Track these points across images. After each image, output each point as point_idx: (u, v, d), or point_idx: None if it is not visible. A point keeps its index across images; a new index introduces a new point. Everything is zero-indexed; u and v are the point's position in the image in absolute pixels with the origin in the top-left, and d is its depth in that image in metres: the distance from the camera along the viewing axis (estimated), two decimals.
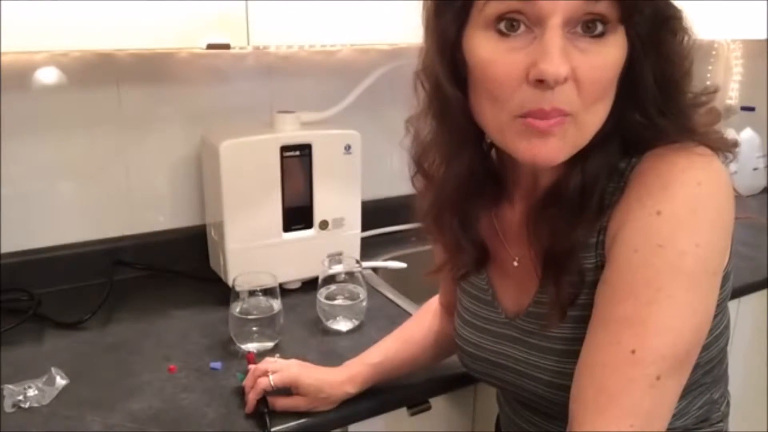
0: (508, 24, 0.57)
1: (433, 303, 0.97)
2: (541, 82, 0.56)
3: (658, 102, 0.61)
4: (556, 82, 0.55)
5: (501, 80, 0.58)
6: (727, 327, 0.71)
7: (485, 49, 0.59)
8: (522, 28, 0.57)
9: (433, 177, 0.73)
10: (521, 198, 0.73)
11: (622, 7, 0.56)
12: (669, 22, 0.60)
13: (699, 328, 0.59)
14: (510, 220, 0.75)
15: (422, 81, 0.68)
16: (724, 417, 0.77)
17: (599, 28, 0.57)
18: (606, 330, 0.58)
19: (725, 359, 0.75)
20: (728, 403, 0.79)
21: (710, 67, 2.08)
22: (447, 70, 0.63)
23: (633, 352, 0.56)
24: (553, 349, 0.70)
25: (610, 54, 0.58)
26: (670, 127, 0.62)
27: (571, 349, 0.68)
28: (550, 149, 0.59)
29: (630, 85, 0.61)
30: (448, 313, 0.92)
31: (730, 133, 1.82)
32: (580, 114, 0.59)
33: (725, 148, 0.64)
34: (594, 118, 0.60)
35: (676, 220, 0.57)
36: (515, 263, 0.75)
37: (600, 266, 0.64)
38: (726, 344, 0.72)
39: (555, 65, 0.55)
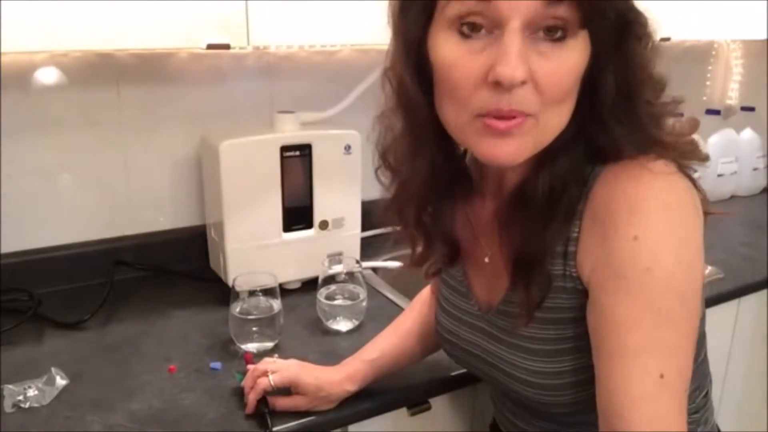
0: (469, 26, 0.58)
1: (424, 293, 0.98)
2: (498, 84, 0.56)
3: (616, 109, 0.62)
4: (512, 84, 0.56)
5: (461, 82, 0.59)
6: (702, 318, 0.71)
7: (447, 50, 0.59)
8: (483, 30, 0.57)
9: (397, 171, 0.73)
10: (491, 195, 0.74)
11: (582, 10, 0.56)
12: (632, 27, 0.60)
13: (695, 340, 0.61)
14: (481, 216, 0.76)
15: (389, 79, 0.68)
16: (700, 408, 0.77)
17: (559, 32, 0.57)
18: (625, 360, 0.58)
19: (701, 353, 0.75)
20: (707, 394, 0.79)
21: (710, 67, 2.09)
22: (412, 70, 0.64)
23: (662, 376, 0.57)
24: (522, 347, 0.72)
25: (570, 58, 0.58)
26: (624, 137, 0.62)
27: (538, 348, 0.70)
28: (510, 149, 0.60)
29: (590, 88, 0.61)
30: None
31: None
32: (542, 114, 0.59)
33: (695, 159, 0.65)
34: (556, 119, 0.61)
35: (654, 242, 0.59)
36: (486, 260, 0.76)
37: (568, 275, 0.65)
38: (702, 339, 0.74)
39: (511, 68, 0.55)
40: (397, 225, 0.77)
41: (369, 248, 1.37)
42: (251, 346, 1.03)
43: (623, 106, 0.62)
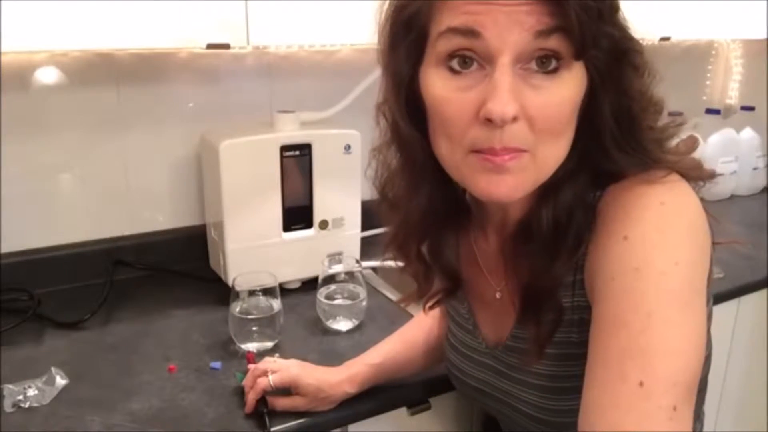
0: (460, 61, 0.56)
1: (435, 310, 0.97)
2: (490, 121, 0.55)
3: (615, 136, 0.60)
4: (503, 121, 0.54)
5: (454, 119, 0.57)
6: (709, 356, 0.69)
7: (438, 86, 0.58)
8: (474, 65, 0.56)
9: (397, 205, 0.72)
10: (493, 230, 0.73)
11: (574, 42, 0.54)
12: (628, 56, 0.59)
13: (701, 349, 0.55)
14: (487, 251, 0.75)
15: (384, 113, 0.67)
16: None
17: (553, 63, 0.55)
18: (606, 367, 0.54)
19: (704, 389, 0.73)
20: (701, 424, 0.78)
21: (710, 67, 2.09)
22: (403, 107, 0.62)
23: (641, 384, 0.51)
24: (531, 384, 0.71)
25: (563, 90, 0.56)
26: (627, 161, 0.60)
27: (548, 385, 0.69)
28: (507, 185, 0.58)
29: (588, 117, 0.60)
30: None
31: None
32: (537, 150, 0.57)
33: (698, 177, 0.63)
34: (553, 153, 0.59)
35: (646, 241, 0.55)
36: (498, 295, 0.74)
37: (576, 306, 0.64)
38: (707, 374, 0.71)
39: (501, 105, 0.53)
40: (399, 260, 0.76)
41: (369, 248, 1.37)
42: (251, 346, 1.03)
43: (625, 134, 0.60)
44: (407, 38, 0.60)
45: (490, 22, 0.53)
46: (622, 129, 0.60)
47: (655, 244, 0.55)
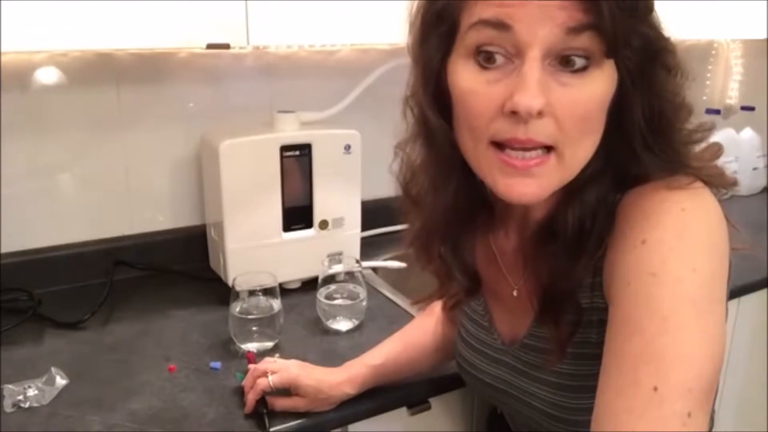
0: (487, 56, 0.56)
1: (437, 307, 0.96)
2: (515, 114, 0.54)
3: (645, 137, 0.59)
4: (530, 114, 0.54)
5: (479, 111, 0.57)
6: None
7: (465, 79, 0.58)
8: (502, 59, 0.56)
9: (421, 203, 0.71)
10: (514, 228, 0.73)
11: (606, 40, 0.54)
12: (660, 56, 0.58)
13: (718, 356, 0.54)
14: (506, 248, 0.75)
15: (411, 107, 0.67)
16: None
17: (582, 62, 0.55)
18: (620, 371, 0.53)
19: (716, 392, 0.73)
20: (713, 423, 0.77)
21: (710, 67, 2.09)
22: (431, 98, 0.62)
23: (655, 389, 0.51)
24: (548, 381, 0.70)
25: (592, 89, 0.56)
26: (656, 163, 0.60)
27: (565, 384, 0.68)
28: (530, 188, 0.58)
29: (618, 117, 0.59)
30: (450, 320, 0.92)
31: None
32: (565, 148, 0.57)
33: (721, 184, 0.62)
34: (581, 152, 0.58)
35: (664, 246, 0.55)
36: (515, 293, 0.74)
37: (595, 307, 0.64)
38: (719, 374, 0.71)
39: (529, 97, 0.53)
40: (422, 258, 0.76)
41: (369, 248, 1.38)
42: (251, 346, 1.03)
43: (654, 136, 0.60)
44: (438, 29, 0.60)
45: (521, 15, 0.53)
46: (652, 130, 0.59)
47: (673, 249, 0.55)
